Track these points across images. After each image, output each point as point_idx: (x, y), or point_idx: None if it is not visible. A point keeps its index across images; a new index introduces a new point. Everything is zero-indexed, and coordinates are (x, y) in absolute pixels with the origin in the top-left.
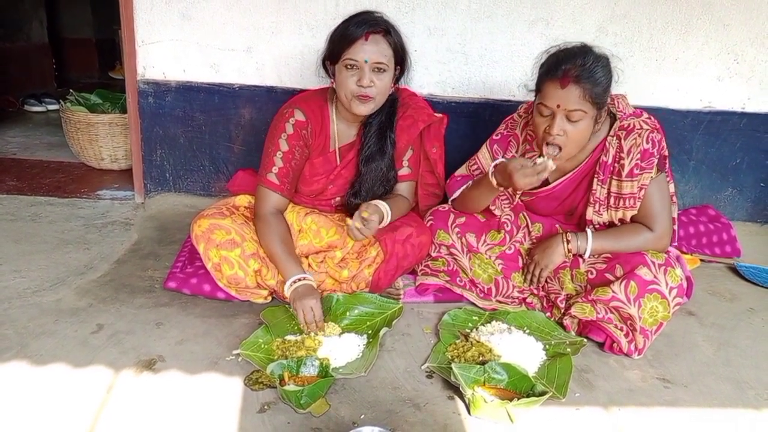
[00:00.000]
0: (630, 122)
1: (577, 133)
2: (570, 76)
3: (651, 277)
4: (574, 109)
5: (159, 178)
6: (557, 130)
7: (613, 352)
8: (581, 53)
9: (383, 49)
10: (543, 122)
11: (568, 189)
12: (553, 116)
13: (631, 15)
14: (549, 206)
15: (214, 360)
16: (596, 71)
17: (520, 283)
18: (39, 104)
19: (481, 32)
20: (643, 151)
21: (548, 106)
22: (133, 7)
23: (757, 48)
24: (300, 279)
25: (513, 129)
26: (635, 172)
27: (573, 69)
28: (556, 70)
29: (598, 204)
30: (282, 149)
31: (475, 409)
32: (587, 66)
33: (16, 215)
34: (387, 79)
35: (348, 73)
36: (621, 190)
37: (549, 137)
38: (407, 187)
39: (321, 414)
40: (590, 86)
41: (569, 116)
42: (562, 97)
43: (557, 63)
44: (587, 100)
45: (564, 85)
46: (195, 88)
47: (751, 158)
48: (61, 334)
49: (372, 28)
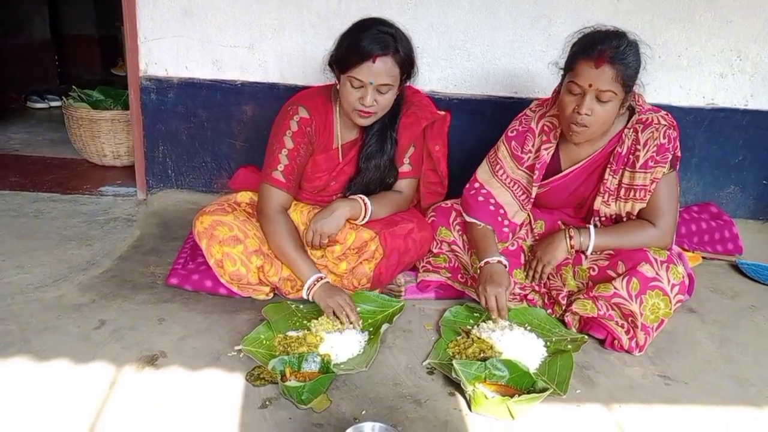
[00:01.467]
0: (648, 116)
1: (604, 114)
2: (605, 57)
3: (653, 273)
4: (605, 89)
5: (161, 175)
6: (586, 109)
7: (614, 349)
8: (616, 35)
9: (390, 70)
10: (572, 101)
11: (580, 177)
12: (583, 95)
13: (633, 12)
14: (560, 197)
15: (216, 356)
16: (629, 54)
17: (522, 279)
18: (41, 101)
19: (484, 29)
20: (659, 146)
21: (580, 85)
22: (135, 3)
23: (761, 45)
24: (318, 279)
25: (528, 123)
26: (650, 164)
27: (608, 50)
28: (592, 50)
29: (607, 194)
30: (287, 147)
31: (476, 405)
32: (621, 48)
33: (18, 211)
34: (391, 95)
35: (352, 89)
36: (633, 182)
37: (577, 116)
38: (408, 184)
39: (322, 410)
40: (623, 68)
41: (599, 96)
42: (596, 76)
43: (593, 43)
44: (618, 81)
45: (598, 65)
46: (197, 85)
47: (754, 155)
48: (63, 329)
49: (382, 51)
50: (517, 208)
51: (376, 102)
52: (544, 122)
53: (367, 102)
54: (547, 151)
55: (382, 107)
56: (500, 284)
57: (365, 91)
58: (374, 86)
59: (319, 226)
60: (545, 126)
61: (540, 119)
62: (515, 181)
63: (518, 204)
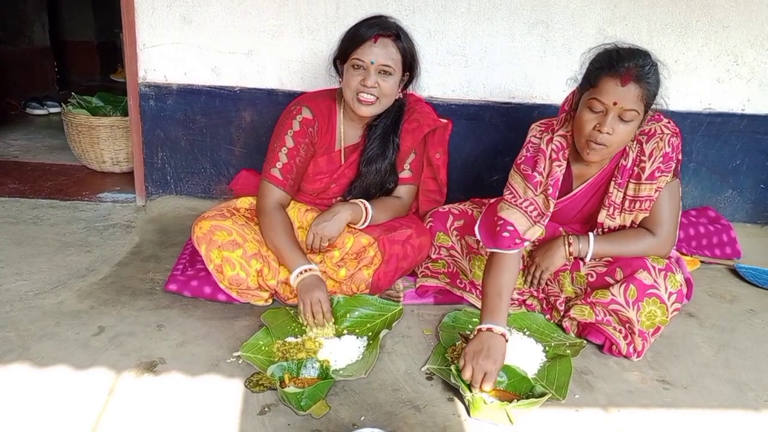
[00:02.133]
0: (651, 127)
1: (624, 134)
2: (631, 74)
3: (651, 281)
4: (630, 108)
5: (160, 181)
6: (608, 128)
7: (612, 354)
8: (641, 54)
9: (391, 53)
10: (592, 119)
11: (588, 194)
12: (605, 113)
13: (630, 17)
14: (569, 214)
15: (215, 362)
16: (652, 74)
17: (520, 285)
18: (40, 107)
19: (481, 35)
20: (664, 155)
21: (604, 102)
22: (134, 10)
23: (757, 50)
24: (306, 270)
25: (538, 146)
26: (656, 175)
27: (635, 68)
28: (618, 67)
29: (612, 207)
30: (287, 145)
31: (474, 410)
32: (647, 68)
33: (17, 218)
34: (392, 83)
35: (354, 72)
36: (638, 193)
37: (597, 135)
38: (407, 190)
39: (321, 416)
40: (647, 87)
41: (622, 115)
42: (621, 94)
43: (619, 59)
44: (642, 101)
45: (625, 83)
46: (196, 91)
47: (751, 160)
48: (62, 336)
49: (382, 32)
50: (527, 225)
51: (377, 84)
52: (553, 145)
53: (369, 83)
54: (560, 168)
55: (384, 94)
56: (495, 362)
57: (367, 73)
58: (376, 67)
59: (320, 229)
60: (554, 147)
61: (549, 142)
62: (526, 199)
63: (528, 219)
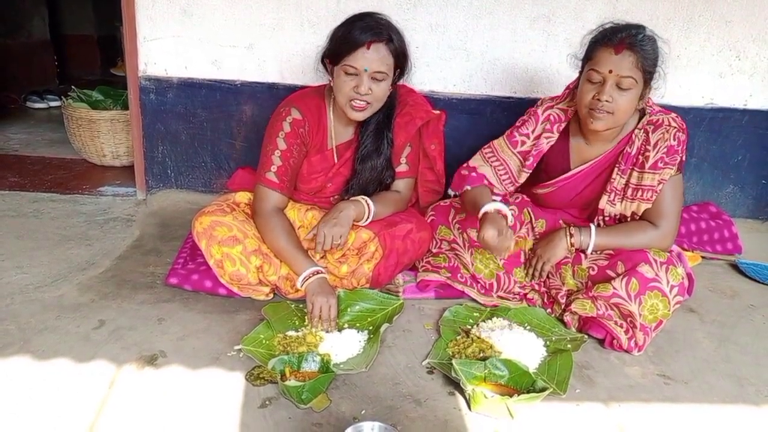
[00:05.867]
0: (659, 118)
1: (624, 102)
2: (624, 43)
3: (652, 274)
4: (626, 75)
5: (161, 175)
6: (607, 96)
7: (613, 348)
8: (634, 26)
9: (384, 58)
10: (591, 90)
11: (589, 178)
12: (603, 83)
13: (632, 12)
14: (567, 197)
15: (216, 355)
16: (647, 43)
17: (522, 278)
18: (41, 101)
19: (483, 29)
20: (669, 147)
21: (600, 72)
22: (134, 3)
23: (760, 45)
24: (316, 272)
25: (534, 111)
26: (659, 165)
27: (627, 37)
28: (612, 37)
29: (614, 193)
30: (280, 148)
31: (475, 404)
32: (640, 36)
33: (18, 211)
34: (385, 86)
35: (346, 78)
36: (641, 182)
37: (597, 104)
38: (405, 183)
39: (322, 409)
40: (642, 55)
41: (620, 83)
42: (616, 62)
43: (613, 31)
44: (638, 68)
45: (618, 51)
46: (197, 85)
47: (753, 155)
48: (63, 329)
49: (375, 37)
50: (495, 182)
51: (370, 91)
52: (551, 112)
53: (362, 90)
54: (548, 140)
55: (377, 98)
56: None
57: (360, 79)
58: (369, 74)
59: (329, 229)
60: (551, 116)
61: (547, 109)
62: (501, 160)
63: (497, 179)
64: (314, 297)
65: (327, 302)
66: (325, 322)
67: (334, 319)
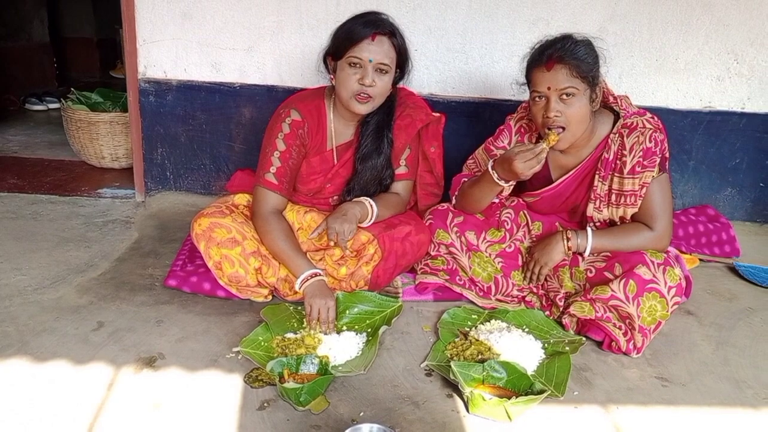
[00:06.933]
0: (633, 120)
1: (574, 112)
2: (553, 58)
3: (650, 276)
4: (564, 87)
5: (160, 177)
6: (554, 111)
7: (612, 350)
8: (561, 39)
9: (387, 51)
10: (540, 110)
11: (571, 186)
12: (547, 100)
13: (631, 15)
14: (553, 205)
15: (214, 357)
16: (578, 50)
17: (520, 281)
18: (40, 103)
19: (482, 32)
20: (645, 150)
21: (540, 91)
22: (134, 6)
23: (757, 48)
24: (314, 275)
25: (506, 123)
26: (637, 169)
27: (554, 52)
28: (540, 57)
29: (598, 200)
30: (279, 149)
31: (473, 407)
32: (567, 46)
33: (17, 213)
34: (387, 81)
35: (351, 70)
36: (622, 187)
37: (548, 121)
38: (404, 185)
39: (320, 411)
40: (575, 63)
41: (562, 96)
42: (550, 78)
43: (541, 50)
44: (575, 76)
45: (550, 68)
46: (196, 87)
47: (751, 158)
48: (61, 331)
49: (379, 29)
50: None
51: (374, 83)
52: (522, 123)
53: (367, 81)
54: None
55: (380, 92)
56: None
57: (365, 71)
58: (373, 65)
59: (338, 224)
60: (521, 127)
61: (519, 120)
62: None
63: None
64: (313, 299)
65: (325, 304)
66: (323, 325)
67: (332, 322)
